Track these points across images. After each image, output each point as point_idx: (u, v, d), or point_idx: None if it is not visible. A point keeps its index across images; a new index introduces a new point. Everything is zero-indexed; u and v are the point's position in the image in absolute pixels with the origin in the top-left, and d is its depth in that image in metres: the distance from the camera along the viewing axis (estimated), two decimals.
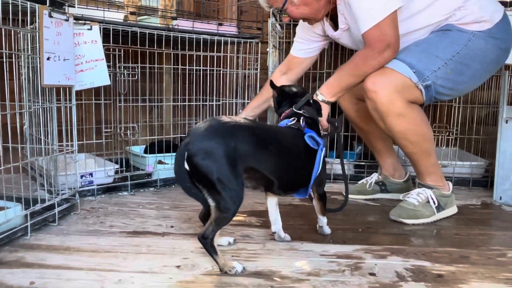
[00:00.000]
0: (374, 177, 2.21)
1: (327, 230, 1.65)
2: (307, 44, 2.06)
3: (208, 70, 2.48)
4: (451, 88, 1.77)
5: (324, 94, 1.75)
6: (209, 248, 1.31)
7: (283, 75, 2.12)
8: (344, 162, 1.83)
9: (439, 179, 1.89)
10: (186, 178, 1.31)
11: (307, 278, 1.29)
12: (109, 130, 2.25)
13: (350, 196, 2.18)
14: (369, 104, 1.75)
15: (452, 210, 1.93)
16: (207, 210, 1.35)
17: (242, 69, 2.60)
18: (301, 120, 1.54)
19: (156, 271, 1.31)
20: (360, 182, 2.25)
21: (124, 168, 2.28)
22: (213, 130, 1.30)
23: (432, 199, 1.85)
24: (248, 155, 1.32)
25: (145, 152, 2.51)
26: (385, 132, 1.84)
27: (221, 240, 1.52)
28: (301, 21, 2.01)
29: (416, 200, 1.85)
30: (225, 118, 1.35)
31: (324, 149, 1.51)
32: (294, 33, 2.13)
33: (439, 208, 1.86)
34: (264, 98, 2.12)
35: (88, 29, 1.91)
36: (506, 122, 2.13)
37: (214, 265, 1.34)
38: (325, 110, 1.77)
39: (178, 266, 1.35)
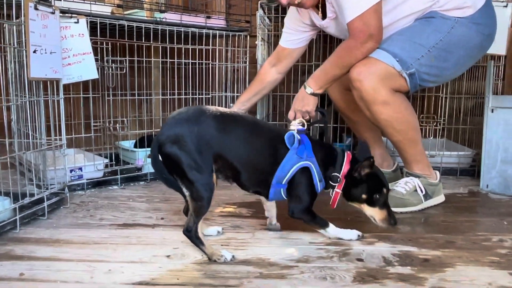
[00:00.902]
0: None
1: (341, 234, 1.52)
2: (295, 34, 2.07)
3: (197, 63, 2.48)
4: (436, 75, 1.80)
5: (312, 86, 1.77)
6: (195, 240, 1.32)
7: (273, 67, 2.13)
8: None
9: (426, 167, 1.92)
10: (162, 169, 1.33)
11: (295, 264, 1.30)
12: (98, 124, 2.24)
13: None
14: (354, 94, 1.77)
15: (439, 198, 1.96)
16: (186, 202, 1.37)
17: (231, 62, 2.60)
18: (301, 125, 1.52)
19: (146, 261, 1.32)
20: None
21: (114, 162, 2.28)
22: (179, 118, 1.33)
23: (420, 187, 1.88)
24: (214, 140, 1.32)
25: (135, 146, 2.50)
26: (372, 122, 1.86)
27: (209, 230, 1.53)
28: (289, 11, 2.02)
29: (403, 189, 1.87)
30: (194, 107, 1.37)
31: (314, 171, 1.41)
32: (283, 25, 2.13)
33: (427, 196, 1.89)
34: (254, 92, 2.13)
35: (75, 22, 1.90)
36: (492, 112, 2.16)
37: (203, 254, 1.35)
38: (314, 102, 1.80)
39: (168, 256, 1.36)
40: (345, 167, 1.46)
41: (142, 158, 2.38)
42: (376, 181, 1.46)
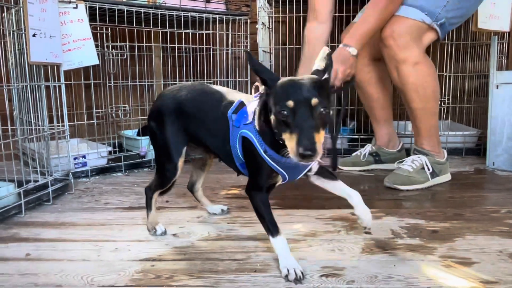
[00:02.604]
0: (368, 148, 2.21)
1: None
2: None
3: (198, 48, 2.46)
4: (462, 15, 1.83)
5: (355, 46, 1.68)
6: (147, 199, 1.37)
7: (314, 21, 1.94)
8: (338, 137, 1.79)
9: (436, 144, 1.89)
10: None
11: (303, 238, 1.29)
12: (100, 110, 2.23)
13: (344, 168, 2.20)
14: (385, 52, 1.77)
15: (446, 177, 1.94)
16: (192, 178, 1.42)
17: (232, 47, 2.58)
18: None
19: (152, 239, 1.31)
20: (354, 154, 2.25)
21: (117, 149, 2.27)
22: (164, 93, 1.33)
23: (427, 165, 1.85)
24: (184, 115, 1.24)
25: (138, 135, 2.49)
26: (396, 86, 1.83)
27: (214, 207, 1.53)
28: None
29: (410, 167, 1.85)
30: (180, 83, 1.35)
31: (253, 138, 1.10)
32: (284, 10, 2.09)
33: (434, 174, 1.87)
34: (310, 57, 1.78)
35: (74, 8, 1.89)
36: (497, 88, 2.13)
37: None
38: (356, 62, 1.70)
39: (174, 234, 1.35)
40: None
41: (145, 146, 2.37)
42: (274, 95, 0.99)
